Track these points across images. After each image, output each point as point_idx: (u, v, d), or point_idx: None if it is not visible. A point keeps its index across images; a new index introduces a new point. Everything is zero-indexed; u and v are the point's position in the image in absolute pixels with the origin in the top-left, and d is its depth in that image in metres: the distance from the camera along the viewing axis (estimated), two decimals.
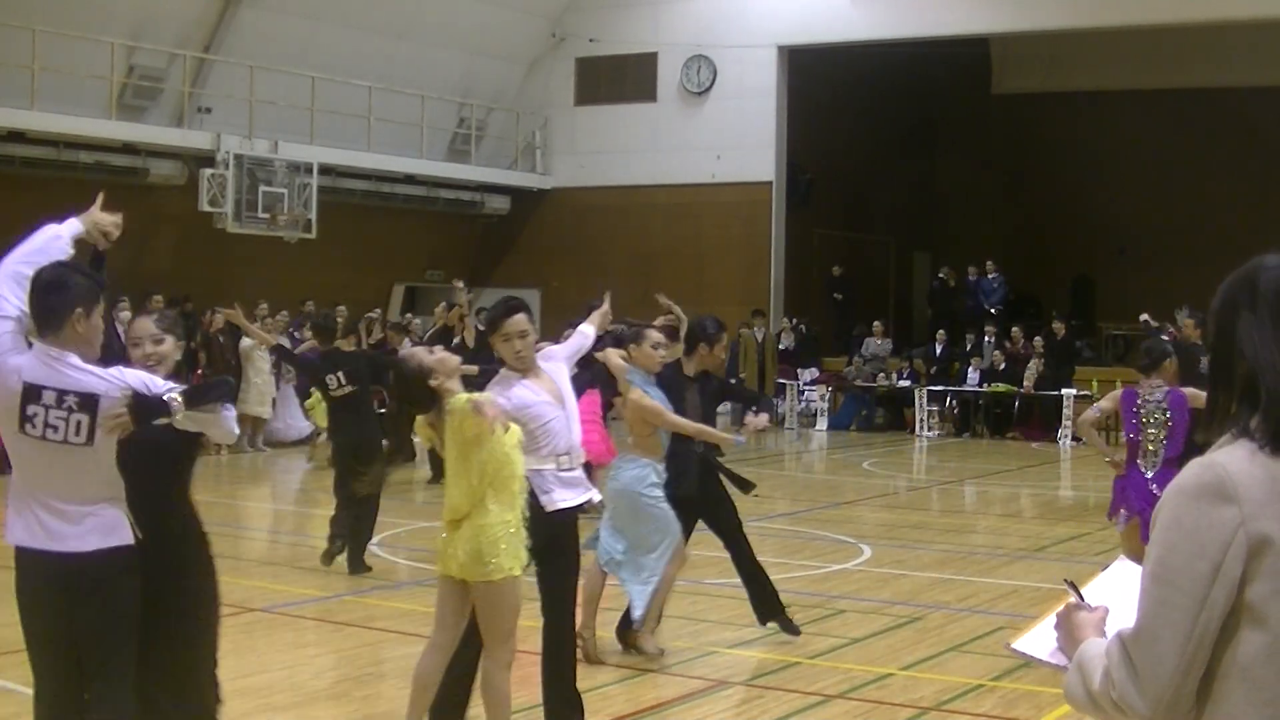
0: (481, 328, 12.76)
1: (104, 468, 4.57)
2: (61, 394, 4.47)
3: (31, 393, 4.48)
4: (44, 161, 20.58)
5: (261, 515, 14.95)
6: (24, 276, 4.60)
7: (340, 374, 10.50)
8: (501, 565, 5.44)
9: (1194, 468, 2.23)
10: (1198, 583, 2.15)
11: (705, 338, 8.12)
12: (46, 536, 4.53)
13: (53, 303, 4.52)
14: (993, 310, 25.38)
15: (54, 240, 4.75)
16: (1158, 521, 2.24)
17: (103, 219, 4.88)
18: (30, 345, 4.58)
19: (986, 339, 23.92)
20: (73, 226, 4.81)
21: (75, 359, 4.52)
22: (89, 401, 4.47)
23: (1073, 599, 2.43)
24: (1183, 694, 2.17)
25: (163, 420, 4.54)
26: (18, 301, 4.58)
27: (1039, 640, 2.48)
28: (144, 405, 4.49)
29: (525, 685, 7.30)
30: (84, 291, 4.55)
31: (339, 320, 12.42)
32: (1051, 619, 2.48)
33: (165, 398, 4.51)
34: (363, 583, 10.03)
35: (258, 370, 18.89)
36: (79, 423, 4.47)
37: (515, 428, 5.55)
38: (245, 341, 18.86)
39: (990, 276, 25.96)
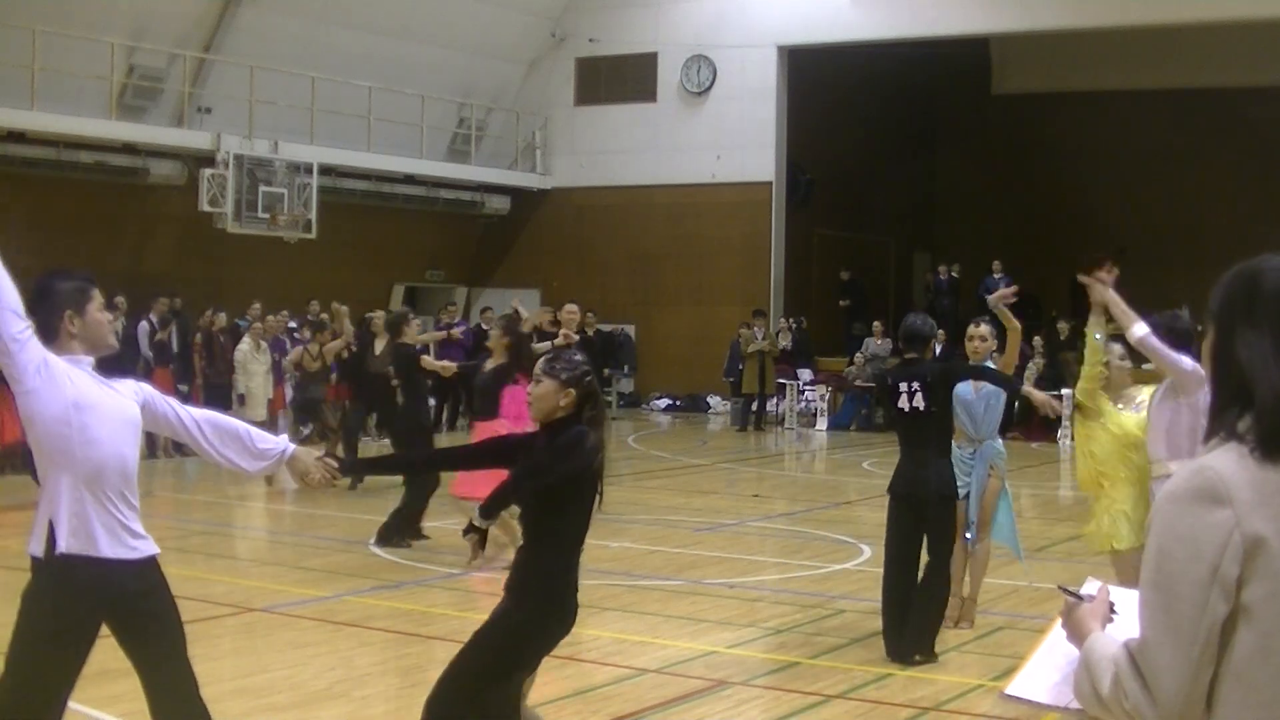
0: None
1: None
2: None
3: None
4: (44, 161, 20.59)
5: (261, 515, 14.94)
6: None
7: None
8: (1121, 537, 6.71)
9: (1185, 473, 2.22)
10: (1197, 587, 2.14)
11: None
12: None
13: (43, 315, 4.54)
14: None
15: None
16: (1151, 529, 2.23)
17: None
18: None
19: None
20: None
21: (84, 361, 4.51)
22: None
23: (1069, 599, 2.43)
24: (1194, 699, 2.16)
25: None
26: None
27: (1033, 681, 2.46)
28: None
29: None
30: (68, 293, 4.57)
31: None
32: (1039, 657, 2.47)
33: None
34: (363, 583, 10.03)
35: (251, 375, 18.86)
36: None
37: (1140, 416, 6.76)
38: (241, 346, 18.84)
39: (997, 276, 25.89)
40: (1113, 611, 2.39)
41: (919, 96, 30.70)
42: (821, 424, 24.09)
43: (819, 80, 26.75)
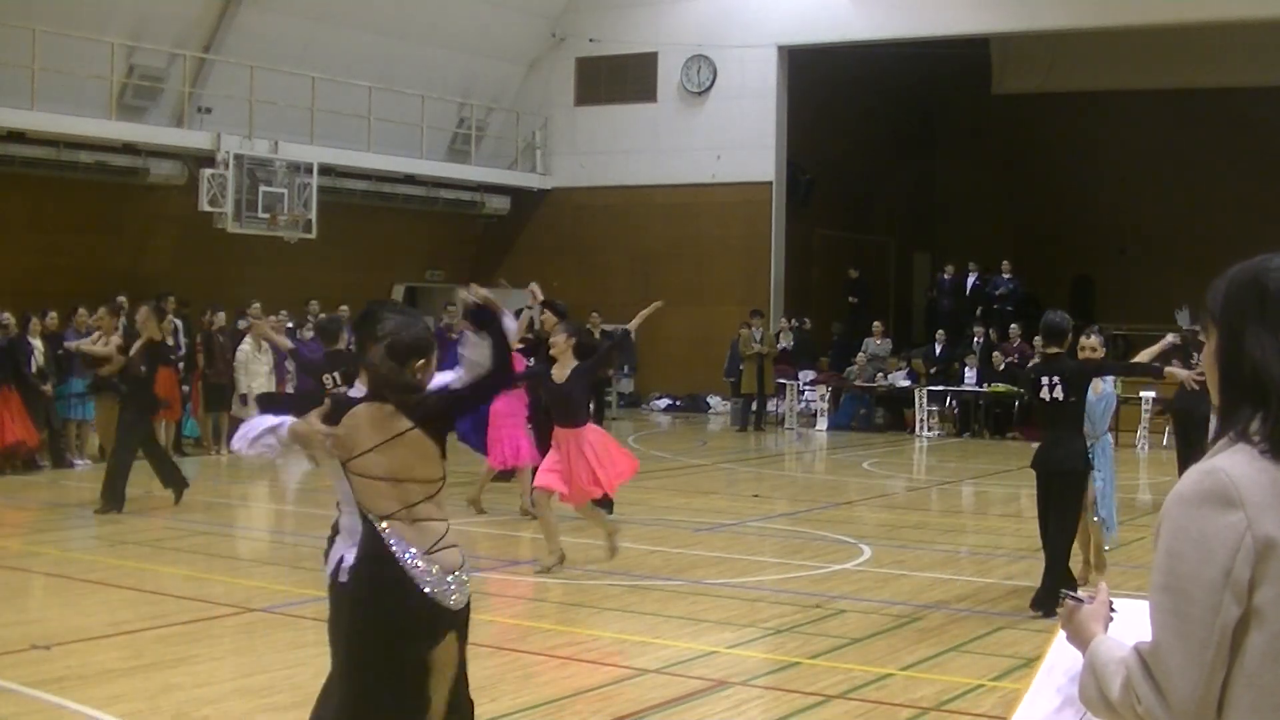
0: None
1: (339, 489, 4.66)
2: None
3: None
4: (44, 161, 20.58)
5: (261, 515, 14.95)
6: None
7: (337, 374, 10.54)
8: None
9: (1194, 475, 2.20)
10: (1209, 590, 2.13)
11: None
12: None
13: (362, 335, 4.64)
14: (1010, 308, 25.35)
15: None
16: (1161, 532, 2.21)
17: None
18: None
19: (977, 340, 23.86)
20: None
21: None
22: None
23: (1070, 602, 2.42)
24: (1207, 702, 2.15)
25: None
26: None
27: (1034, 709, 2.46)
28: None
29: (529, 684, 7.31)
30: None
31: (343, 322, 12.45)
32: (1038, 685, 2.46)
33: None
34: None
35: (253, 375, 18.88)
36: None
37: None
38: (243, 347, 18.85)
39: (1006, 276, 25.91)
40: (1111, 610, 2.39)
41: (919, 96, 30.69)
42: (821, 424, 24.09)
43: (819, 80, 26.75)
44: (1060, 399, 8.99)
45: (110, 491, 13.04)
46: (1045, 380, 9.02)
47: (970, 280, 26.35)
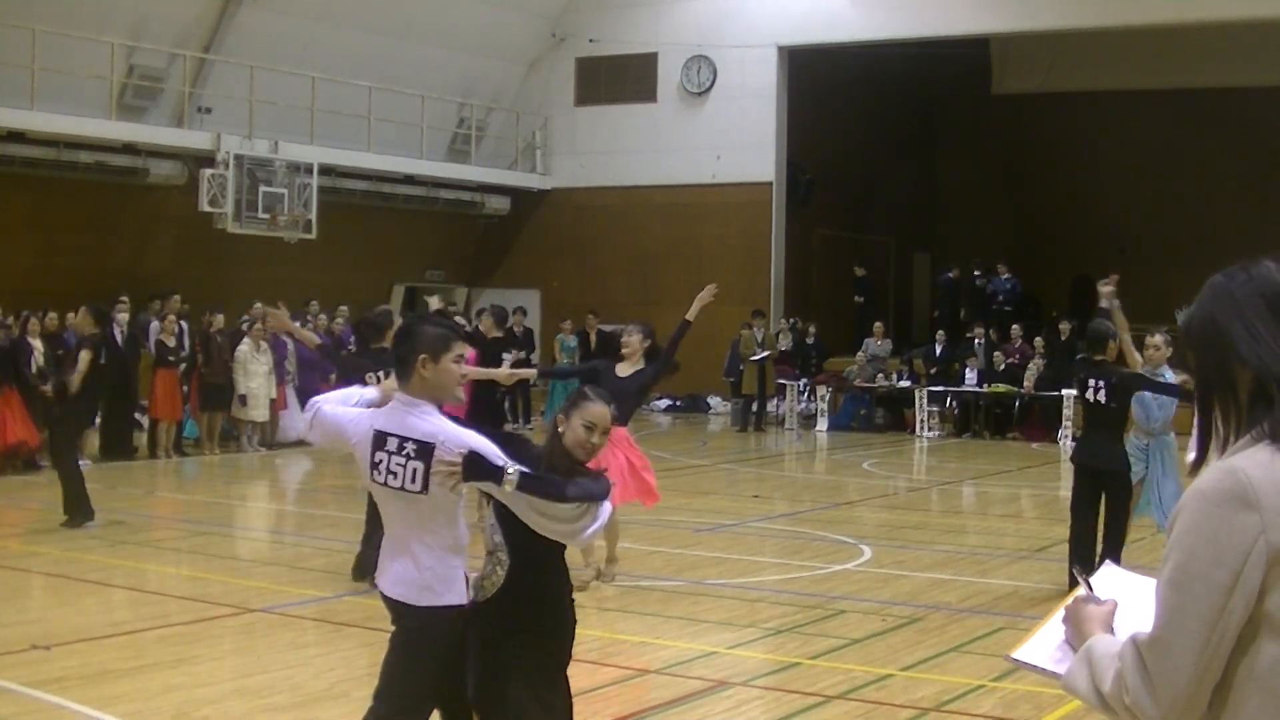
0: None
1: (441, 517, 4.59)
2: (402, 441, 4.54)
3: (379, 439, 4.58)
4: (44, 161, 20.58)
5: (261, 515, 14.94)
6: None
7: (382, 372, 9.91)
8: None
9: (1214, 472, 2.19)
10: (1216, 591, 2.12)
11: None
12: (386, 580, 4.67)
13: (402, 351, 4.65)
14: (1009, 308, 25.35)
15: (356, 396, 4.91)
16: (1176, 526, 2.20)
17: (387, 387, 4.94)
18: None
19: (978, 341, 23.83)
20: (370, 395, 4.91)
21: (428, 408, 4.59)
22: (424, 449, 4.50)
23: (1082, 591, 2.41)
24: (1196, 702, 2.14)
25: (490, 487, 4.46)
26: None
27: (1040, 648, 2.45)
28: (477, 465, 4.43)
29: None
30: (429, 338, 4.62)
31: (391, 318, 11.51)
32: (1050, 626, 2.45)
33: (504, 467, 4.41)
34: (362, 583, 10.01)
35: (252, 375, 18.86)
36: (414, 470, 4.52)
37: None
38: (242, 347, 18.83)
39: (1004, 277, 25.90)
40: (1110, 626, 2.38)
41: (919, 96, 30.69)
42: (821, 424, 24.08)
43: (819, 80, 26.74)
44: (1104, 403, 9.40)
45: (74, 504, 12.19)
46: (1091, 383, 9.45)
47: (948, 276, 26.45)
